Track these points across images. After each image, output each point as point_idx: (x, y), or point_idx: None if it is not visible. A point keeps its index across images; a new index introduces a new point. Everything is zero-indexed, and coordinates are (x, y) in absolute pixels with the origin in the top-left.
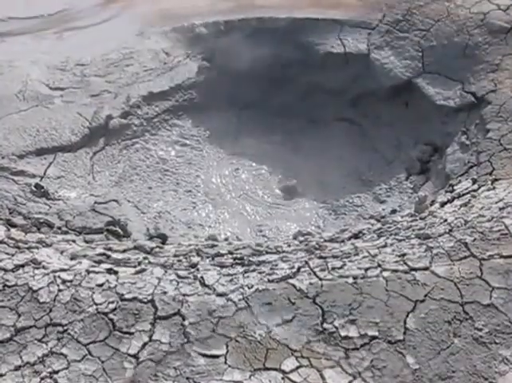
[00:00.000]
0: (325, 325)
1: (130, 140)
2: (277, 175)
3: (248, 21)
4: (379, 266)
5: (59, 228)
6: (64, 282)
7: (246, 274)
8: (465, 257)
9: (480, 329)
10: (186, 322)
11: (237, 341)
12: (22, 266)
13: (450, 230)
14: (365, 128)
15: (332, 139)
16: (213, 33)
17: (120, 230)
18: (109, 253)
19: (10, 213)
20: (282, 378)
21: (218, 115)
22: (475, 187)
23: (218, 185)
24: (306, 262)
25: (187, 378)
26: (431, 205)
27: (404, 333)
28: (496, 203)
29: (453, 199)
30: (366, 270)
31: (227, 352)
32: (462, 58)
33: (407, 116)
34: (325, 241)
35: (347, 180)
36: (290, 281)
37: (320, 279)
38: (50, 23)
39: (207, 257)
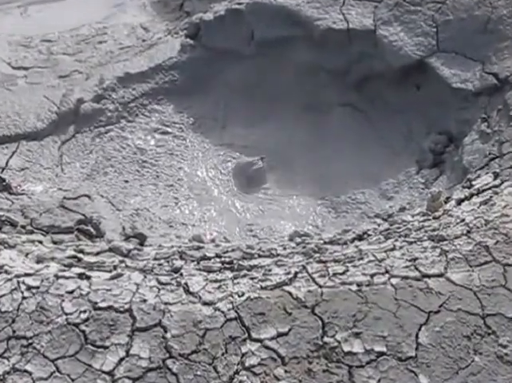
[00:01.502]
0: (326, 339)
1: (104, 128)
2: (270, 168)
3: None
4: (386, 272)
5: (23, 227)
6: (29, 288)
7: (235, 281)
8: (486, 262)
9: (505, 346)
10: (168, 335)
11: (225, 356)
12: None
13: (469, 232)
14: (370, 115)
15: (333, 127)
16: (198, 6)
17: (92, 230)
18: (81, 255)
19: None
20: None
21: (204, 100)
22: (497, 182)
23: (204, 179)
24: (304, 267)
25: None
26: (445, 202)
27: (416, 348)
28: None
29: (471, 195)
30: (372, 276)
31: (215, 369)
32: (483, 34)
33: (419, 101)
34: (325, 243)
35: (349, 174)
36: (286, 288)
37: (320, 286)
38: None
39: (192, 260)
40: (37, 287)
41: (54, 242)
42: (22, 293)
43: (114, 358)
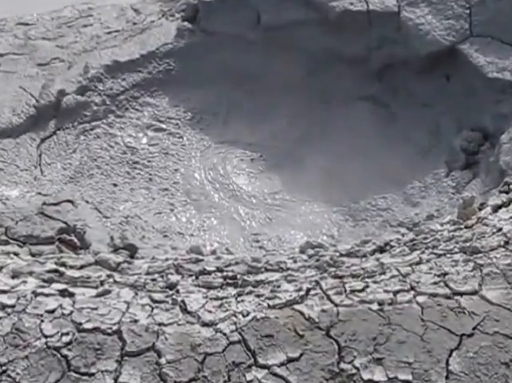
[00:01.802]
0: (343, 366)
1: (89, 124)
2: (278, 170)
3: None
4: (412, 288)
5: None
6: (3, 307)
7: (239, 298)
8: None
9: None
10: (162, 360)
11: None
12: None
13: (507, 243)
14: (393, 109)
15: (351, 123)
16: None
17: (76, 240)
18: (63, 269)
19: None
20: None
21: (203, 92)
22: None
23: (203, 182)
24: (317, 283)
25: None
26: (479, 209)
27: (447, 377)
28: None
29: (510, 201)
30: (395, 293)
31: None
32: None
33: (449, 93)
34: (342, 255)
35: (369, 177)
36: (297, 307)
37: (336, 305)
38: None
39: (190, 275)
40: (13, 306)
41: (32, 255)
42: None
43: None
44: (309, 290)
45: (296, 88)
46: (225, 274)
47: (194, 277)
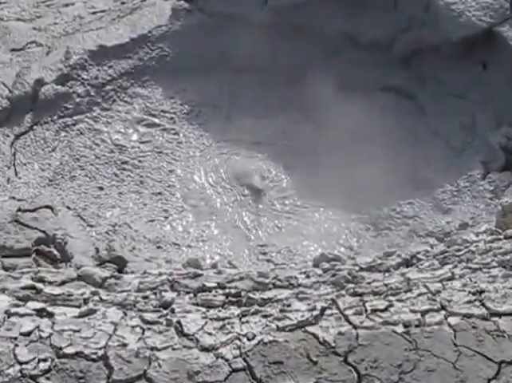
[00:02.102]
0: None
1: (71, 118)
2: (289, 171)
3: None
4: (443, 308)
5: None
6: None
7: (244, 319)
8: None
9: None
10: None
11: None
12: None
13: None
14: (421, 102)
15: (372, 117)
16: None
17: (55, 252)
18: (40, 286)
19: None
20: None
21: (202, 81)
22: None
23: (203, 185)
24: (333, 302)
25: None
26: None
27: None
28: None
29: None
30: (424, 314)
31: None
32: None
33: (486, 82)
34: (361, 270)
35: (393, 179)
36: (310, 329)
37: (355, 327)
38: None
39: (187, 292)
40: None
41: (5, 269)
42: None
43: None
44: (323, 309)
45: (308, 78)
46: (227, 291)
47: (191, 294)
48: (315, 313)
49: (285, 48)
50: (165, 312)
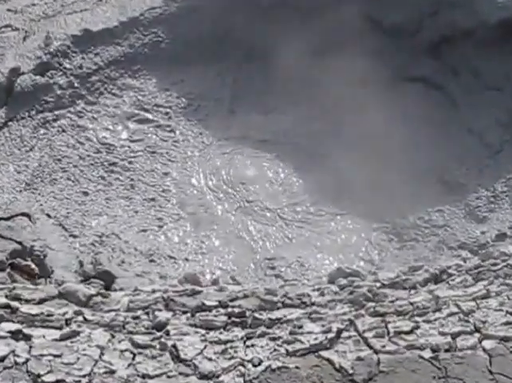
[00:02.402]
0: None
1: (51, 113)
2: (300, 174)
3: None
4: (476, 330)
5: None
6: None
7: (249, 342)
8: None
9: None
10: None
11: None
12: None
13: None
14: (452, 94)
15: (396, 111)
16: None
17: (33, 266)
18: (16, 304)
19: None
20: None
21: (202, 71)
22: None
23: (202, 190)
24: (351, 323)
25: None
26: None
27: None
28: None
29: None
30: (454, 337)
31: None
32: None
33: None
34: (383, 286)
35: (420, 183)
36: (324, 354)
37: (376, 352)
38: None
39: (184, 312)
40: None
41: None
42: None
43: None
44: (340, 331)
45: (322, 66)
46: (230, 310)
47: (189, 314)
48: (330, 335)
49: (297, 32)
50: (159, 334)
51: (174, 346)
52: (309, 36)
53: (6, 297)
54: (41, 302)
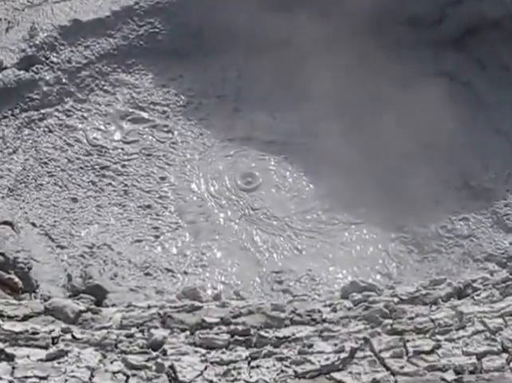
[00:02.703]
0: None
1: (37, 111)
2: (311, 178)
3: None
4: (504, 350)
5: None
6: None
7: (253, 363)
8: None
9: None
10: None
11: None
12: None
13: None
14: (479, 90)
15: (417, 108)
16: None
17: (16, 279)
18: None
19: None
20: None
21: (203, 65)
22: None
23: (203, 196)
24: (366, 341)
25: None
26: None
27: None
28: None
29: None
30: (480, 357)
31: None
32: None
33: None
34: (402, 301)
35: (443, 188)
36: (337, 375)
37: (394, 373)
38: None
39: (182, 330)
40: None
41: None
42: None
43: None
44: (354, 351)
45: (337, 60)
46: (233, 327)
47: (188, 332)
48: (343, 355)
49: (308, 24)
50: (155, 354)
51: (171, 367)
52: (320, 28)
53: None
54: (26, 318)
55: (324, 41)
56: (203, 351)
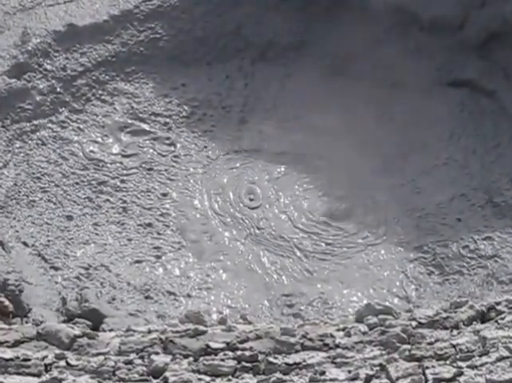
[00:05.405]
0: None
1: (29, 123)
2: (323, 193)
3: None
4: None
5: None
6: None
7: None
8: None
9: None
10: None
11: None
12: None
13: None
14: (504, 100)
15: (437, 119)
16: None
17: (7, 303)
18: None
19: None
20: None
21: (207, 73)
22: None
23: (206, 213)
24: (383, 368)
25: None
26: None
27: None
28: None
29: None
30: None
31: None
32: None
33: None
34: (421, 326)
35: (466, 204)
36: None
37: None
38: None
39: (185, 356)
40: None
41: None
42: None
43: None
44: (369, 378)
45: (351, 67)
46: (239, 353)
47: (191, 358)
48: None
49: (321, 28)
50: (155, 382)
51: None
52: (333, 33)
53: None
54: (16, 344)
55: (334, 47)
56: (208, 379)
